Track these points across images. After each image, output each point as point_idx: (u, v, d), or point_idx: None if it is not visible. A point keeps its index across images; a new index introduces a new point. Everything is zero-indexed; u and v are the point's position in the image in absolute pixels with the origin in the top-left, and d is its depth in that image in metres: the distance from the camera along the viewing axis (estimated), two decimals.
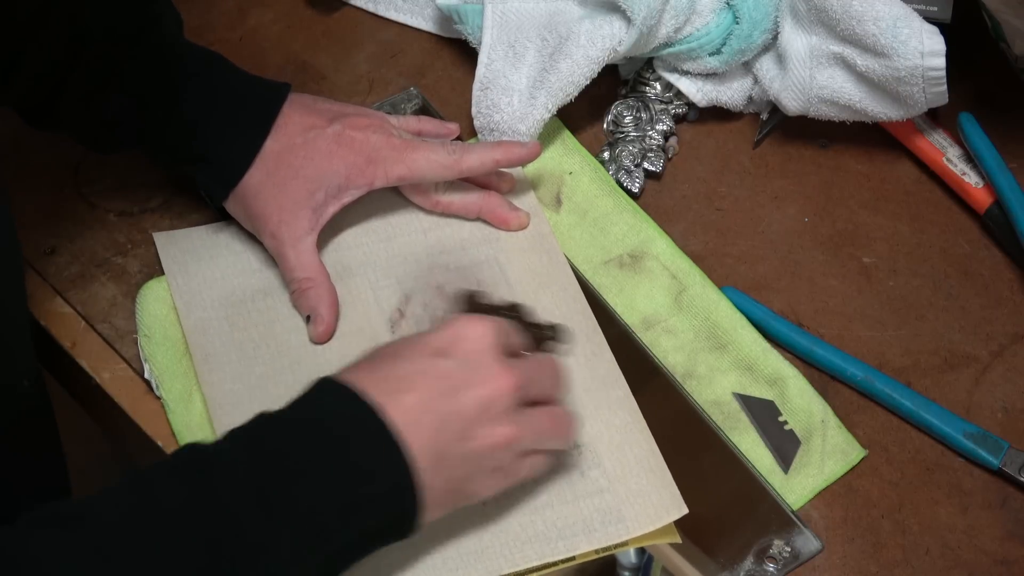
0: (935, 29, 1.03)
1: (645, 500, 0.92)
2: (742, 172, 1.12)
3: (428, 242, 1.05)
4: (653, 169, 1.11)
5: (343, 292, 1.02)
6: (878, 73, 1.04)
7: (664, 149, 1.12)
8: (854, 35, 1.04)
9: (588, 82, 1.08)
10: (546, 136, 1.11)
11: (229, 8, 1.21)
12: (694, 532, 0.94)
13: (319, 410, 0.84)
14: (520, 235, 1.06)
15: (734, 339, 1.02)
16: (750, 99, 1.14)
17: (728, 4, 1.10)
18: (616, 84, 1.16)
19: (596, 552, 0.91)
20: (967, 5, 1.09)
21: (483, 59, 1.11)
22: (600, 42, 1.07)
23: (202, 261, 1.03)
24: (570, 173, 1.11)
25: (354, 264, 1.03)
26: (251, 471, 0.80)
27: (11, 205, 0.91)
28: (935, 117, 1.12)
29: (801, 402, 1.00)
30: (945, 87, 1.04)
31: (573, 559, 0.91)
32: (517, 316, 0.94)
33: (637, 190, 1.10)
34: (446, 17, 1.15)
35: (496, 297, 0.96)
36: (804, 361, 1.03)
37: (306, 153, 1.00)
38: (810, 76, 1.08)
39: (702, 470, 0.98)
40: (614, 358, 1.00)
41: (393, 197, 1.06)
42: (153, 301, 1.02)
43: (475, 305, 0.95)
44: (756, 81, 1.13)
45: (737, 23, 1.10)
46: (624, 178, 1.10)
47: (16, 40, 0.99)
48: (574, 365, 0.98)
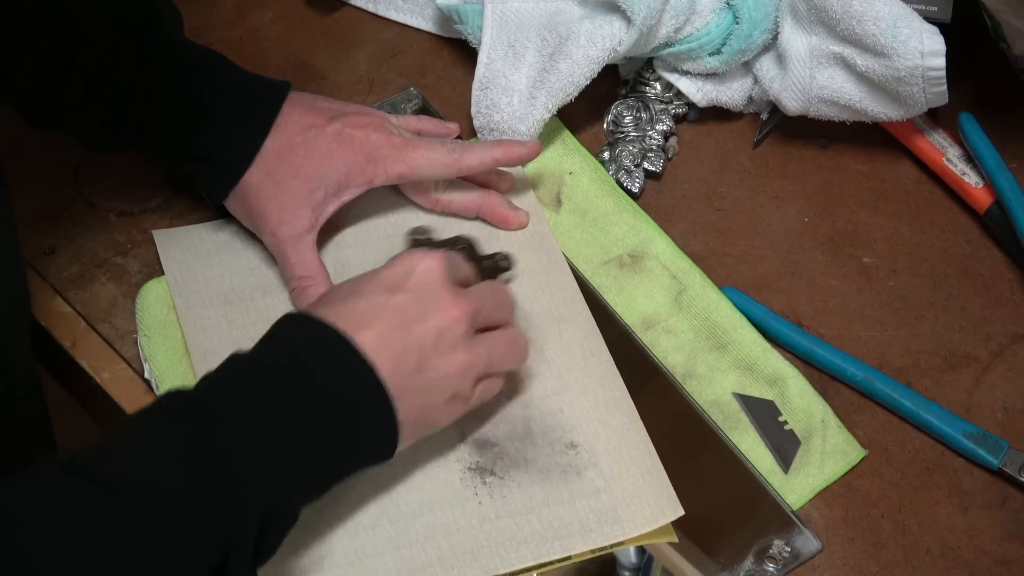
0: (935, 29, 1.03)
1: (641, 501, 0.92)
2: (742, 172, 1.12)
3: None
4: (653, 169, 1.11)
5: None
6: (878, 73, 1.04)
7: (664, 149, 1.12)
8: (854, 35, 1.04)
9: (588, 82, 1.08)
10: (546, 136, 1.11)
11: (229, 8, 1.21)
12: (694, 532, 0.93)
13: (299, 350, 0.86)
14: (520, 234, 1.06)
15: (734, 339, 1.02)
16: (750, 99, 1.14)
17: (728, 4, 1.10)
18: (616, 84, 1.16)
19: (592, 552, 0.91)
20: (967, 5, 1.09)
21: (483, 59, 1.11)
22: (600, 42, 1.07)
23: (201, 259, 1.03)
24: (570, 173, 1.10)
25: (354, 262, 1.03)
26: (252, 417, 0.83)
27: (11, 205, 0.91)
28: (935, 117, 1.12)
29: (801, 402, 1.00)
30: (945, 87, 1.04)
31: (569, 559, 0.91)
32: (464, 248, 0.99)
33: (637, 190, 1.10)
34: (446, 17, 1.15)
35: (445, 234, 1.01)
36: (804, 361, 1.02)
37: (306, 151, 1.00)
38: (810, 76, 1.08)
39: (702, 470, 0.98)
40: (612, 359, 1.00)
41: (393, 196, 1.06)
42: (153, 301, 1.02)
43: (423, 243, 1.01)
44: (756, 81, 1.13)
45: (737, 23, 1.10)
46: (624, 178, 1.10)
47: (16, 40, 0.99)
48: (572, 365, 0.98)
